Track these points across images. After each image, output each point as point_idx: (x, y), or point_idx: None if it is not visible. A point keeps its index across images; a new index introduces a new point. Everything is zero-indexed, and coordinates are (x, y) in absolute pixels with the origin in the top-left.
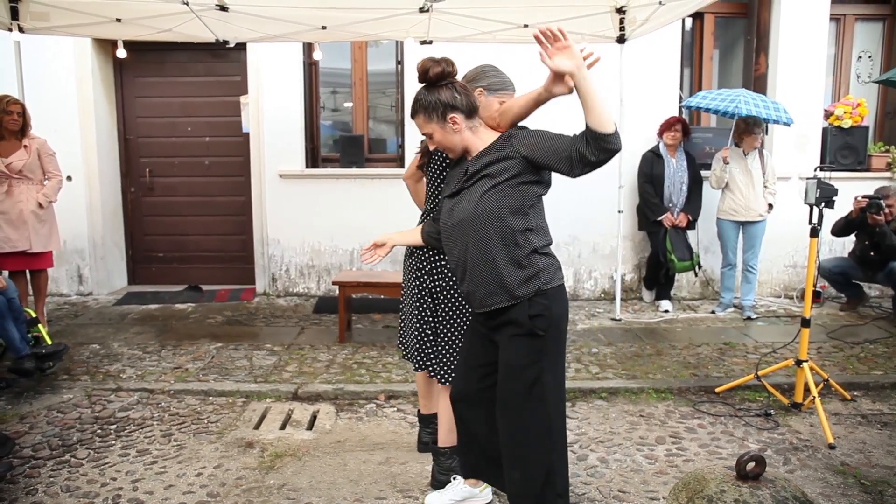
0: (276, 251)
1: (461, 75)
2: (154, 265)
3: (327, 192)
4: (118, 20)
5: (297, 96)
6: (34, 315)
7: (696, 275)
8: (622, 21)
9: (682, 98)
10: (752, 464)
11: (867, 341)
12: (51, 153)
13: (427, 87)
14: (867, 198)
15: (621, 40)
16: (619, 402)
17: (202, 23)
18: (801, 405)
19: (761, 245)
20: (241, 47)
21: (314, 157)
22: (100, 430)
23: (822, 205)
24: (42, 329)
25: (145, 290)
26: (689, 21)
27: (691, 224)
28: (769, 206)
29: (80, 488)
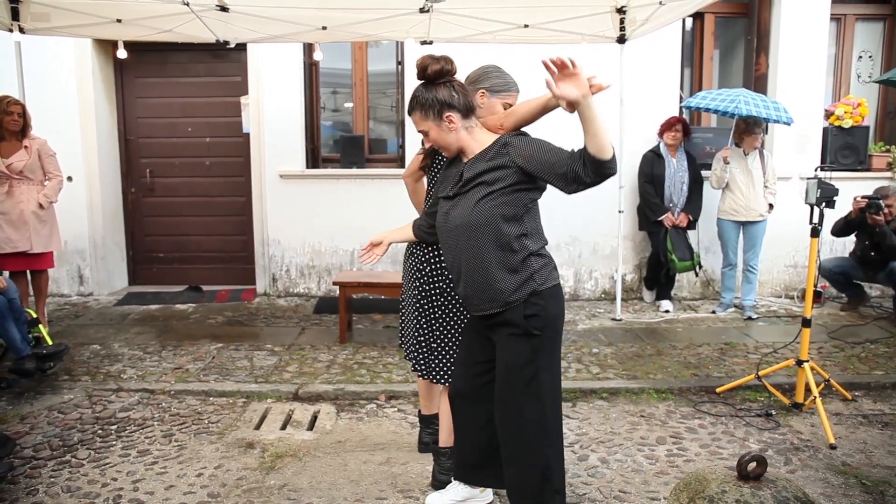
0: (277, 251)
1: (463, 76)
2: (154, 265)
3: (328, 192)
4: (118, 21)
5: (298, 97)
6: (35, 315)
7: (696, 275)
8: (622, 21)
9: (682, 98)
10: (754, 464)
11: (868, 341)
12: (51, 154)
13: (425, 84)
14: (866, 198)
15: (621, 40)
16: (619, 403)
17: (202, 23)
18: (802, 405)
19: (762, 245)
20: (241, 48)
21: (314, 158)
22: (100, 431)
23: (823, 205)
24: (43, 329)
25: (146, 291)
26: (689, 21)
27: (692, 224)
28: (770, 206)
29: (81, 489)
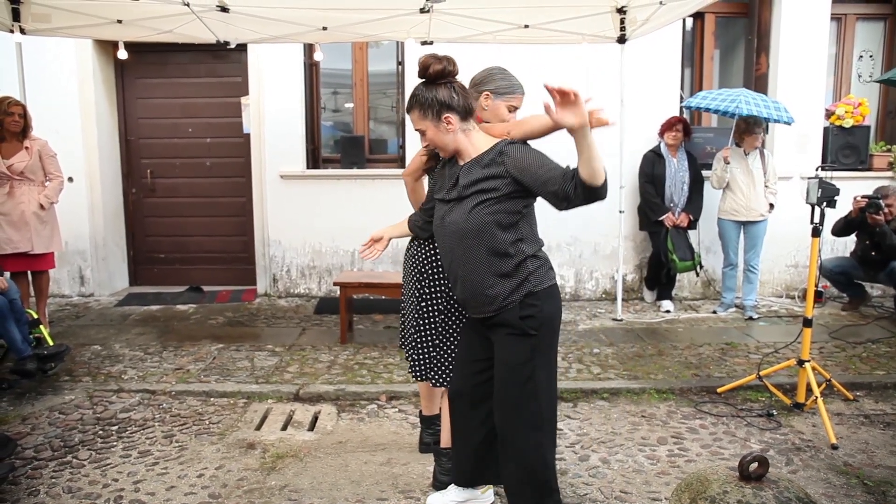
0: (278, 252)
1: (464, 77)
2: (155, 266)
3: (328, 192)
4: (119, 21)
5: (298, 97)
6: (36, 316)
7: (697, 275)
8: (623, 21)
9: (682, 98)
10: (755, 464)
11: (869, 341)
12: (52, 154)
13: (426, 83)
14: (866, 198)
15: (622, 40)
16: (620, 403)
17: (203, 24)
18: (804, 405)
19: (763, 245)
20: (241, 48)
21: (315, 158)
22: (101, 431)
23: (824, 204)
24: (44, 330)
25: (147, 291)
26: (689, 21)
27: (692, 224)
28: (770, 205)
29: (82, 489)
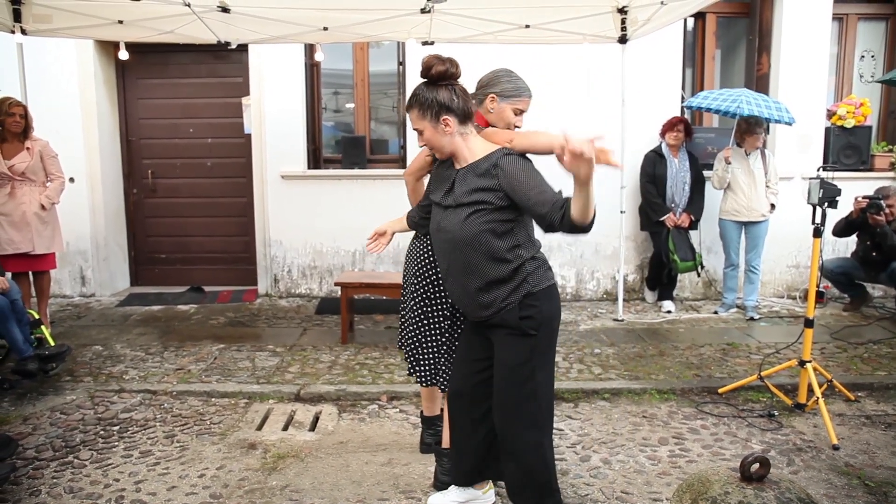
0: (279, 252)
1: (465, 77)
2: (157, 266)
3: (329, 193)
4: (120, 22)
5: (299, 97)
6: (37, 316)
7: (698, 275)
8: (624, 21)
9: (683, 98)
10: (757, 465)
11: (871, 342)
12: (53, 155)
13: (427, 83)
14: (867, 198)
15: (623, 40)
16: (621, 403)
17: (204, 24)
18: (805, 406)
19: (764, 245)
20: (242, 49)
21: (316, 159)
22: (103, 432)
23: (826, 205)
24: (45, 330)
25: (148, 292)
26: (690, 21)
27: (694, 224)
28: (772, 206)
29: (84, 489)
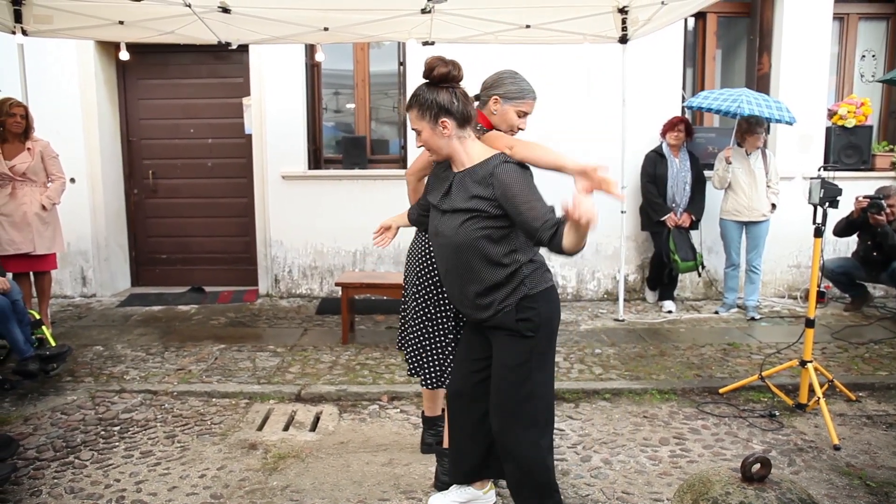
0: (279, 252)
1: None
2: (157, 267)
3: (330, 193)
4: (121, 22)
5: (300, 98)
6: (38, 317)
7: (699, 275)
8: (624, 21)
9: (684, 98)
10: (758, 466)
11: (872, 342)
12: (54, 155)
13: (429, 84)
14: (868, 198)
15: (623, 40)
16: (622, 403)
17: (205, 25)
18: (806, 406)
19: (765, 245)
20: (243, 49)
21: (317, 159)
22: (103, 432)
23: (826, 205)
24: (46, 331)
25: (149, 292)
26: (691, 21)
27: (694, 224)
28: (772, 205)
29: (84, 490)
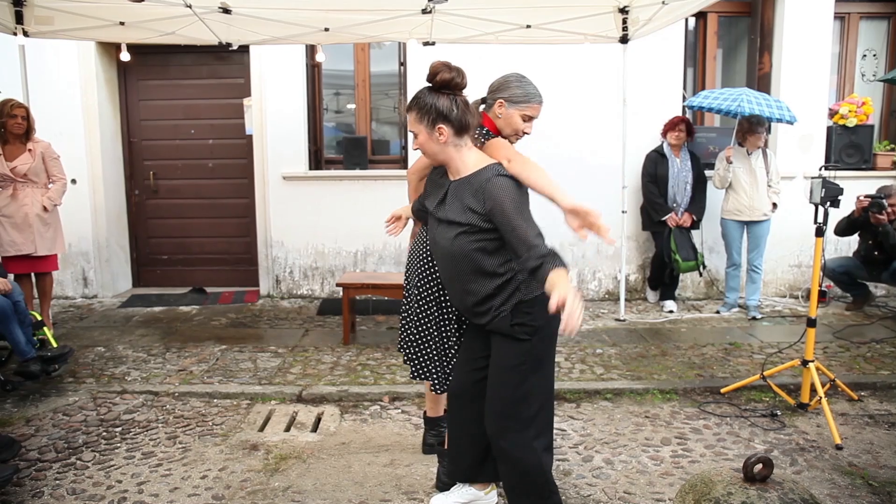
0: (280, 253)
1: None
2: (158, 268)
3: (331, 193)
4: (122, 23)
5: (300, 98)
6: (39, 318)
7: (700, 275)
8: (625, 21)
9: (685, 97)
10: (760, 466)
11: (874, 341)
12: (55, 156)
13: (431, 88)
14: (869, 197)
15: (624, 40)
16: (623, 403)
17: (205, 25)
18: (808, 405)
19: (766, 245)
20: (244, 50)
21: (317, 159)
22: (105, 433)
23: (828, 204)
24: (47, 332)
25: (150, 293)
26: (692, 20)
27: (695, 224)
28: (773, 205)
29: (86, 491)
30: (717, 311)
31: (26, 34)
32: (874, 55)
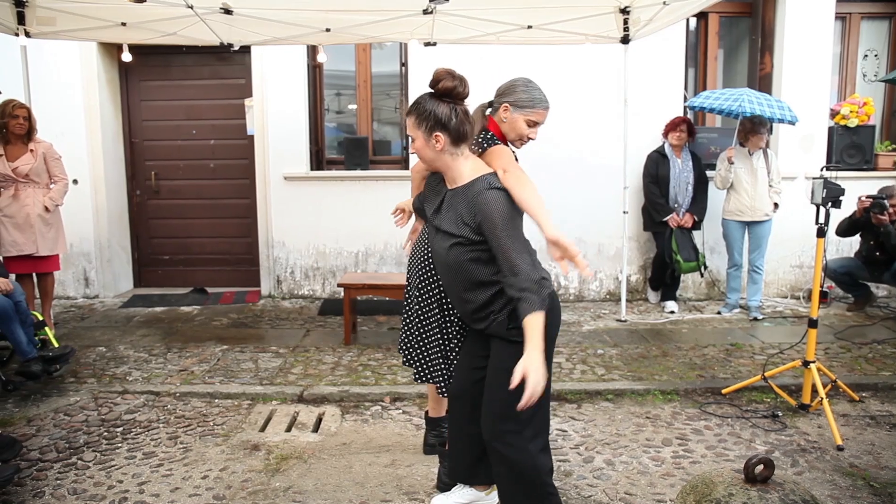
0: (282, 253)
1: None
2: (160, 268)
3: (332, 194)
4: (123, 24)
5: (302, 99)
6: (41, 318)
7: (701, 275)
8: (626, 21)
9: (686, 98)
10: (761, 467)
11: (875, 342)
12: (57, 157)
13: (432, 95)
14: (871, 198)
15: (625, 41)
16: (625, 404)
17: (207, 26)
18: (809, 406)
19: (767, 245)
20: (245, 50)
21: (319, 160)
22: (106, 433)
23: (829, 205)
24: (49, 332)
25: (151, 293)
26: (693, 21)
27: (697, 224)
28: (775, 205)
29: (87, 491)
30: (719, 312)
31: (28, 35)
32: (875, 55)
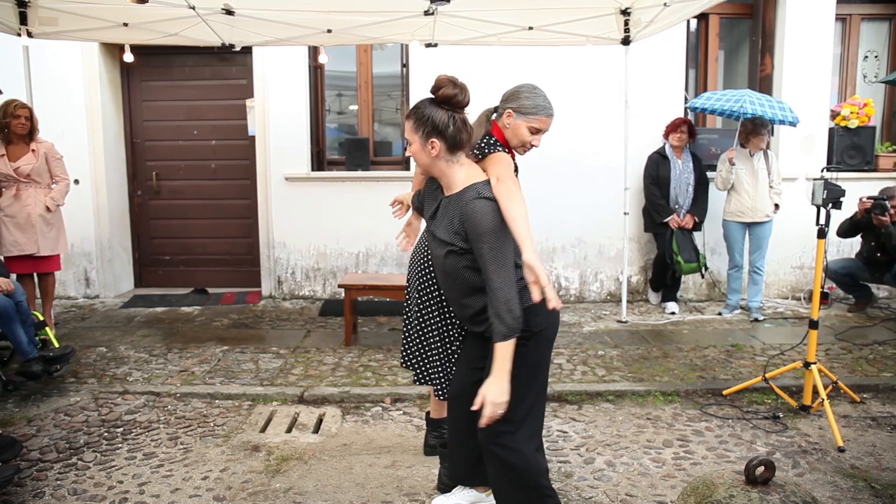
0: (282, 254)
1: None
2: (160, 268)
3: (333, 195)
4: (125, 24)
5: (303, 99)
6: (42, 318)
7: (702, 276)
8: (627, 23)
9: (687, 99)
10: (762, 468)
11: (876, 343)
12: (58, 157)
13: (432, 100)
14: (871, 199)
15: (626, 42)
16: (625, 405)
17: (208, 27)
18: (810, 408)
19: (768, 246)
20: (246, 51)
21: (320, 160)
22: (106, 433)
23: (830, 206)
24: (49, 332)
25: (152, 293)
26: (694, 22)
27: (697, 225)
28: (775, 206)
29: (87, 491)
30: (719, 313)
31: (30, 35)
32: (876, 56)
